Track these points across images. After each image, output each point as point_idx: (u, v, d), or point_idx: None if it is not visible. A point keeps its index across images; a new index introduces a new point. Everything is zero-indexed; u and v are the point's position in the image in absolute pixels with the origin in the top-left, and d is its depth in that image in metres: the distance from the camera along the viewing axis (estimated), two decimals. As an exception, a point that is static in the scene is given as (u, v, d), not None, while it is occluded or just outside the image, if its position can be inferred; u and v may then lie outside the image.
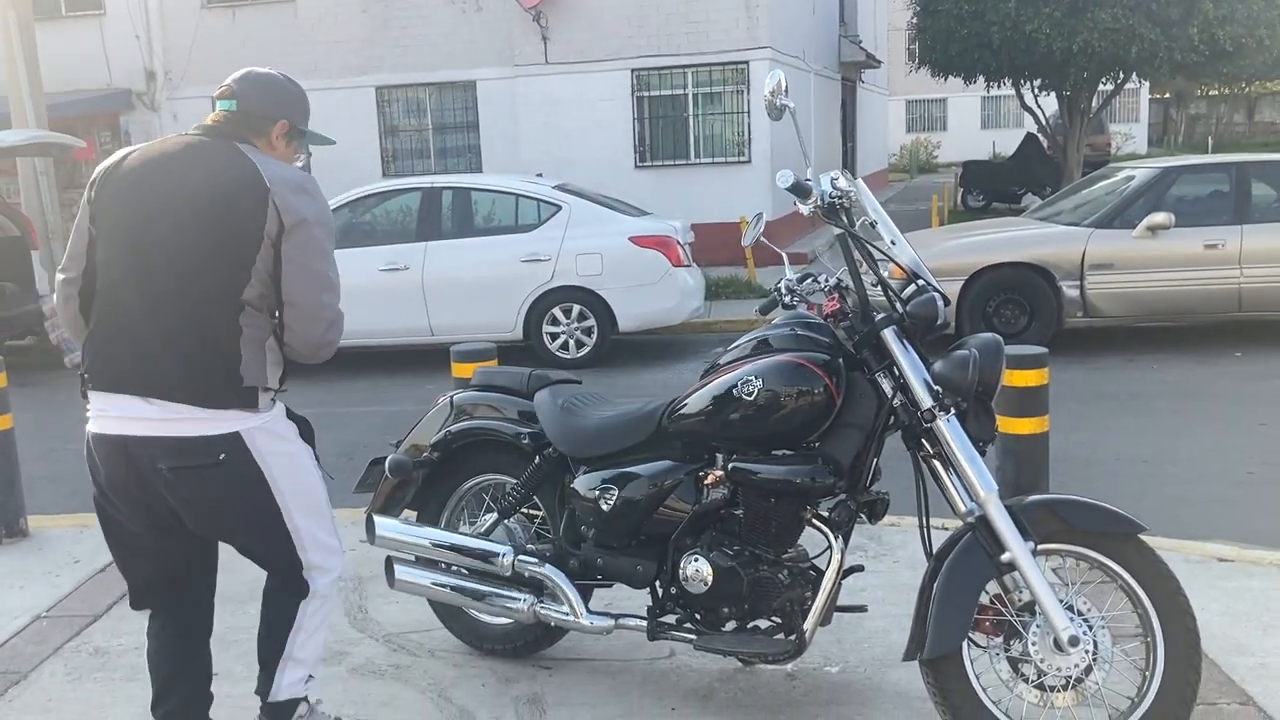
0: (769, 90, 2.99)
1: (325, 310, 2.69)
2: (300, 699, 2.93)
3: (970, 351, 2.80)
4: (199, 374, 2.59)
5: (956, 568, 2.80)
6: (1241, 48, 17.60)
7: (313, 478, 2.84)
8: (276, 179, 2.62)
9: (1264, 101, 47.28)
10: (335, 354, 2.87)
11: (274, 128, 2.79)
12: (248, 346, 2.63)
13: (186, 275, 2.58)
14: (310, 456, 2.86)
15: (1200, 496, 5.48)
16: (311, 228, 2.63)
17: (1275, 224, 8.82)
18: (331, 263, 2.71)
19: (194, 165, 2.64)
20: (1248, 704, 3.17)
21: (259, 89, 2.79)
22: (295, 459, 2.79)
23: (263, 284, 2.62)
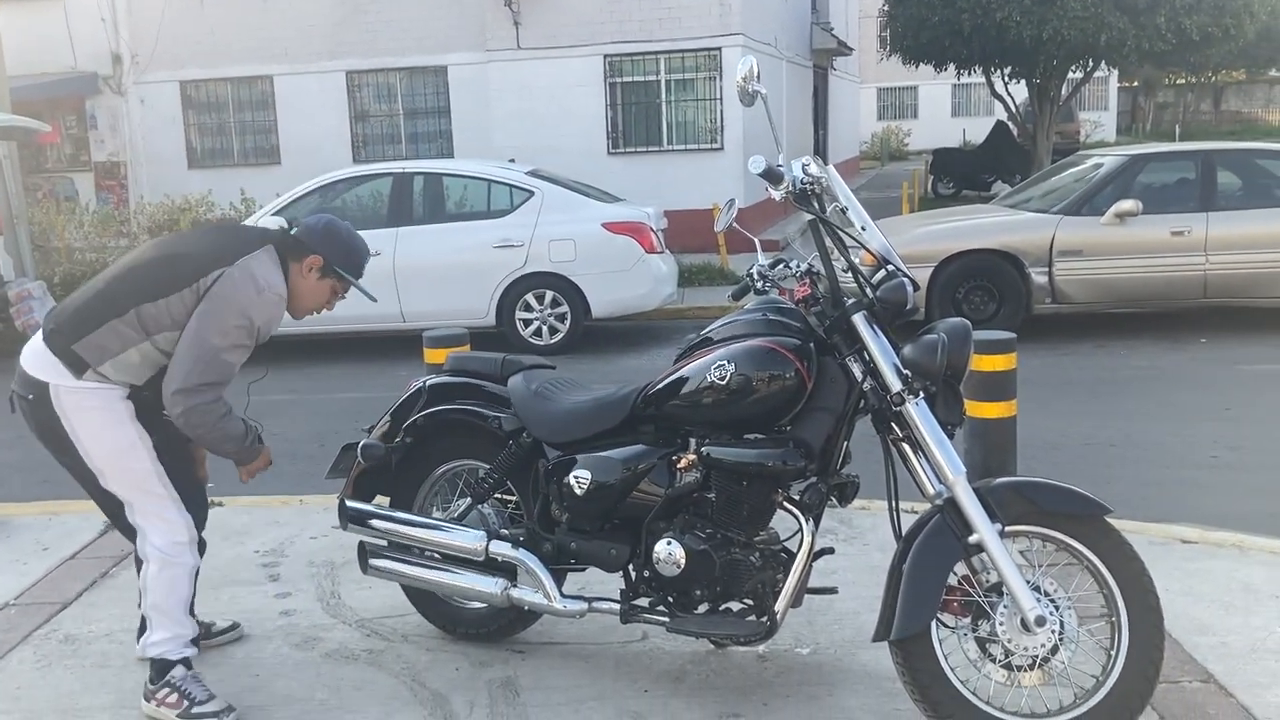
0: (741, 76, 3.00)
1: (188, 374, 3.02)
2: (174, 661, 3.21)
3: (939, 336, 2.83)
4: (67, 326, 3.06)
5: (925, 549, 2.83)
6: (1208, 37, 17.78)
7: (133, 460, 3.13)
8: (244, 268, 3.07)
9: (1230, 90, 47.76)
10: (305, 340, 3.05)
11: (306, 259, 3.21)
12: (109, 335, 3.04)
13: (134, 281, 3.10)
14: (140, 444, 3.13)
15: (1165, 480, 5.56)
16: (224, 312, 3.02)
17: (1240, 211, 8.94)
18: (223, 350, 3.03)
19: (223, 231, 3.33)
20: (1209, 681, 3.23)
21: (310, 226, 3.29)
22: (111, 433, 3.09)
23: (170, 315, 3.04)
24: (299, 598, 4.15)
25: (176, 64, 16.95)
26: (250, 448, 3.26)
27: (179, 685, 3.20)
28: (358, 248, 3.34)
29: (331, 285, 3.29)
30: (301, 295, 3.27)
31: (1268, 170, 9.42)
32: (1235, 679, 3.23)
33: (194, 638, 3.29)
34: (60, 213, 14.63)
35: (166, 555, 3.17)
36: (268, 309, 3.11)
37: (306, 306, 3.31)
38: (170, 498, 3.18)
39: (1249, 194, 9.20)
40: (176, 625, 3.22)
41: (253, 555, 4.60)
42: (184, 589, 3.22)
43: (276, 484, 5.76)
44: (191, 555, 3.23)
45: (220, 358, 3.05)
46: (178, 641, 3.23)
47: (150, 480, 3.16)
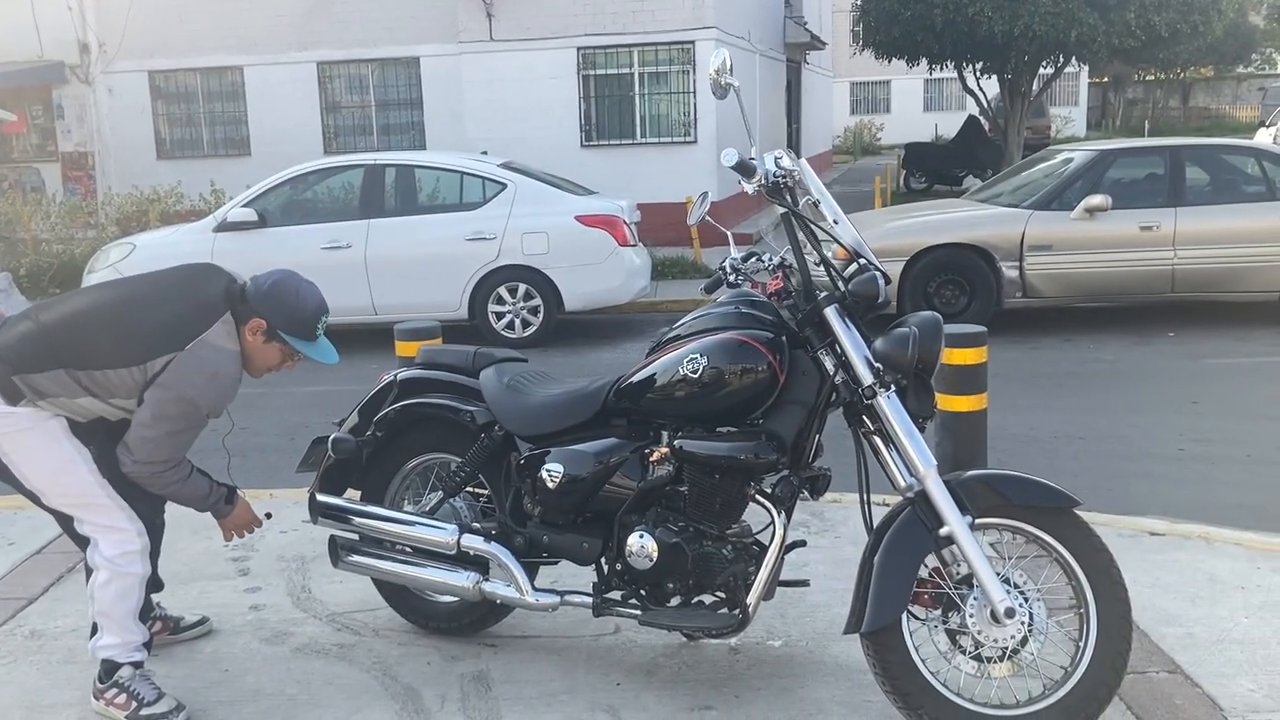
0: (714, 69, 3.00)
1: (139, 448, 3.01)
2: (120, 664, 3.18)
3: (910, 329, 2.84)
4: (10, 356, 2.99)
5: (896, 542, 2.85)
6: (1176, 34, 17.94)
7: (73, 475, 3.08)
8: (194, 355, 3.01)
9: (1198, 87, 48.17)
10: None
11: (249, 321, 3.12)
12: (53, 381, 2.99)
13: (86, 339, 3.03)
14: (78, 458, 3.08)
15: (1133, 472, 5.61)
16: (173, 401, 2.99)
17: (1208, 207, 9.03)
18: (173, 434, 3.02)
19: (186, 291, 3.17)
20: (1175, 672, 3.26)
21: (258, 286, 3.18)
22: (45, 455, 3.05)
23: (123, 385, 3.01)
24: (269, 592, 4.12)
25: (145, 53, 16.76)
26: (215, 505, 3.24)
27: (127, 685, 3.17)
28: (306, 309, 3.18)
29: (280, 348, 3.19)
30: (251, 358, 3.19)
31: (1235, 166, 9.52)
32: (1201, 669, 3.27)
33: (144, 642, 3.24)
34: (26, 204, 14.47)
35: (116, 566, 3.10)
36: (218, 395, 3.07)
37: (259, 368, 3.24)
38: (117, 506, 3.12)
39: (1217, 189, 9.30)
40: (125, 633, 3.17)
41: (222, 549, 4.56)
42: (133, 599, 3.16)
43: (246, 478, 5.70)
44: (142, 564, 3.16)
45: (167, 441, 3.03)
46: (127, 647, 3.19)
47: (93, 493, 3.10)
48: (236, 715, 3.23)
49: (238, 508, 3.32)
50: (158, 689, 3.19)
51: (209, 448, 3.34)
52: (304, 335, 3.19)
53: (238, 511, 3.32)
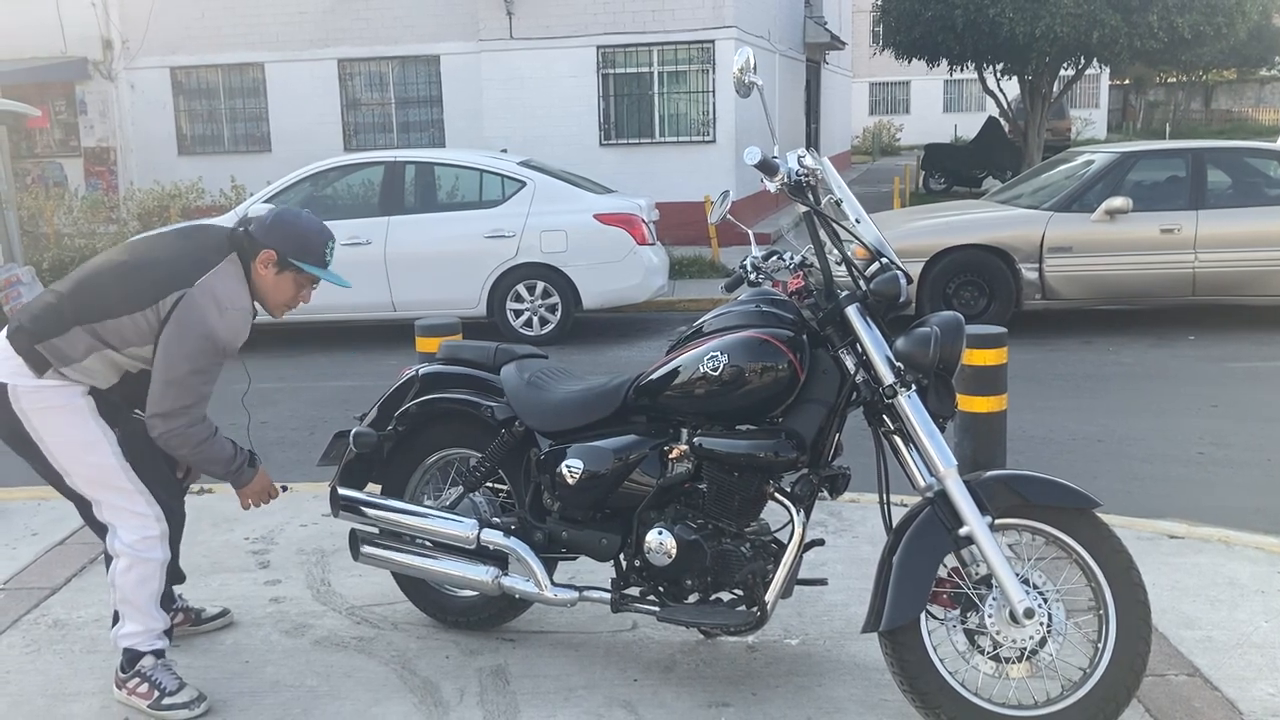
0: (738, 68, 3.01)
1: (162, 398, 3.01)
2: (142, 653, 3.21)
3: (932, 329, 2.84)
4: (31, 325, 3.04)
5: (915, 541, 2.85)
6: (1200, 35, 17.83)
7: (98, 454, 3.10)
8: (205, 288, 3.02)
9: (1220, 89, 47.86)
10: (295, 328, 3.06)
11: (260, 255, 3.13)
12: (72, 341, 3.02)
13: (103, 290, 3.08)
14: (103, 440, 3.11)
15: (1152, 475, 5.59)
16: (188, 337, 2.99)
17: (1229, 210, 8.98)
18: (192, 374, 3.01)
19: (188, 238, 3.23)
20: (1194, 675, 3.25)
21: (261, 221, 3.18)
22: (72, 431, 3.08)
23: (136, 332, 3.02)
24: (289, 585, 4.15)
25: (167, 50, 16.86)
26: (238, 471, 3.23)
27: (149, 675, 3.20)
28: (311, 233, 3.20)
29: (294, 278, 3.20)
30: (266, 293, 3.20)
31: (1257, 169, 9.46)
32: (1220, 672, 3.26)
33: (166, 629, 3.27)
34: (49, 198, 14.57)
35: (136, 552, 3.12)
36: (232, 327, 3.07)
37: (277, 303, 3.24)
38: (138, 491, 3.14)
39: (1239, 192, 9.24)
40: (147, 619, 3.20)
41: (242, 542, 4.60)
42: (154, 584, 3.17)
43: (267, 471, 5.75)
44: (162, 550, 3.18)
45: (189, 381, 3.02)
46: (149, 635, 3.21)
47: (116, 475, 3.12)
48: (256, 706, 3.25)
49: (258, 475, 3.31)
50: (179, 679, 3.22)
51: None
52: (315, 260, 3.19)
53: (258, 479, 3.31)
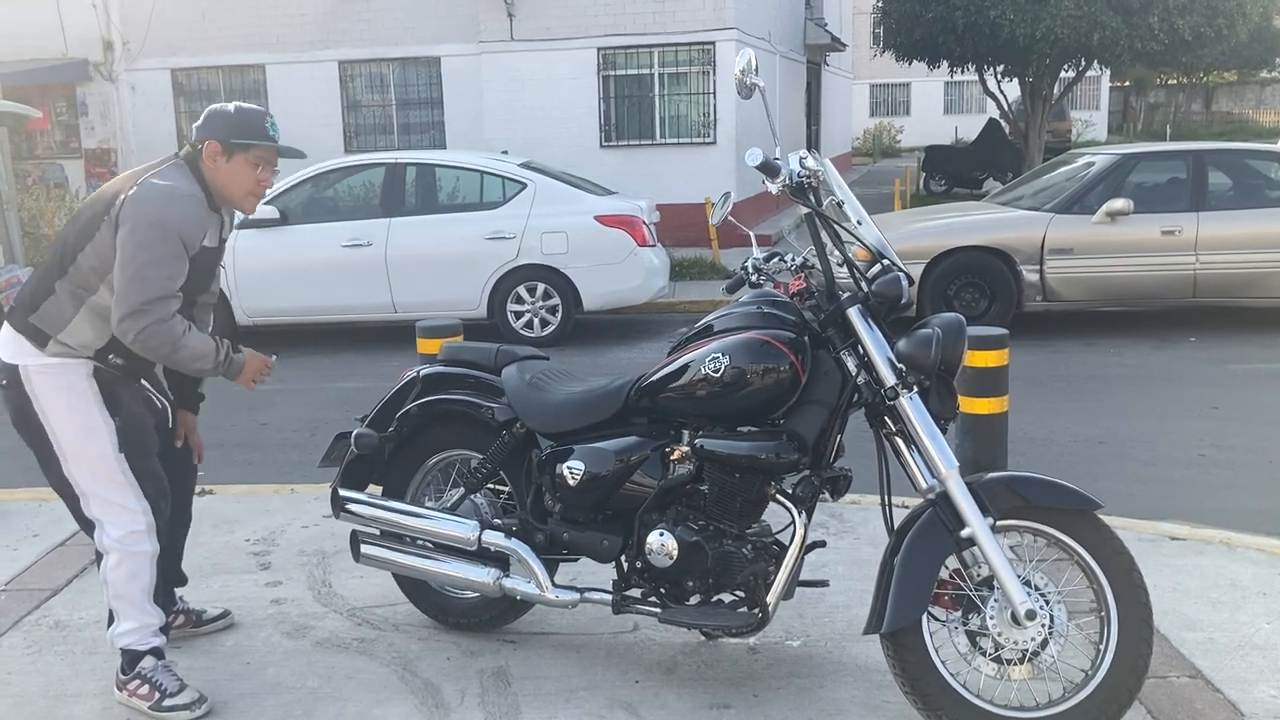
0: (739, 69, 3.01)
1: (126, 297, 2.98)
2: (143, 651, 3.21)
3: (933, 330, 2.84)
4: (23, 300, 3.12)
5: (917, 543, 2.85)
6: (1200, 37, 17.81)
7: (96, 443, 3.12)
8: (146, 184, 3.05)
9: (1221, 91, 47.88)
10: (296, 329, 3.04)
11: (204, 149, 3.14)
12: (59, 300, 3.07)
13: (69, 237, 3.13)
14: (103, 428, 3.12)
15: (1154, 477, 5.59)
16: (138, 227, 2.98)
17: (1230, 211, 8.98)
18: (150, 264, 2.99)
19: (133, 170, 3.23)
20: (1196, 677, 3.25)
21: (196, 124, 3.20)
22: (76, 415, 3.10)
23: (99, 257, 3.04)
24: (290, 586, 4.14)
25: (168, 51, 16.86)
26: (227, 360, 3.18)
27: (149, 676, 3.20)
28: (246, 112, 3.20)
29: (244, 160, 3.16)
30: (224, 186, 3.17)
31: (1258, 171, 9.46)
32: (1222, 674, 3.26)
33: (162, 626, 3.26)
34: (50, 199, 14.58)
35: (124, 546, 3.13)
36: (182, 212, 3.04)
37: (240, 193, 3.19)
38: (129, 485, 3.14)
39: (1239, 194, 9.24)
40: (142, 615, 3.20)
41: (243, 543, 4.60)
42: (145, 577, 3.18)
43: (267, 473, 5.76)
44: (150, 544, 3.17)
45: (148, 272, 2.98)
46: (145, 631, 3.21)
47: (110, 466, 3.12)
48: (257, 708, 3.25)
49: (247, 357, 3.26)
50: (180, 680, 3.22)
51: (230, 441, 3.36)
52: (257, 133, 3.17)
53: (249, 360, 3.26)
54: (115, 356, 3.13)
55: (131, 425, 3.18)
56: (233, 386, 3.38)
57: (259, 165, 3.19)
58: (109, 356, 3.13)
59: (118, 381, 3.17)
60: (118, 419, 3.15)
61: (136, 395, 3.26)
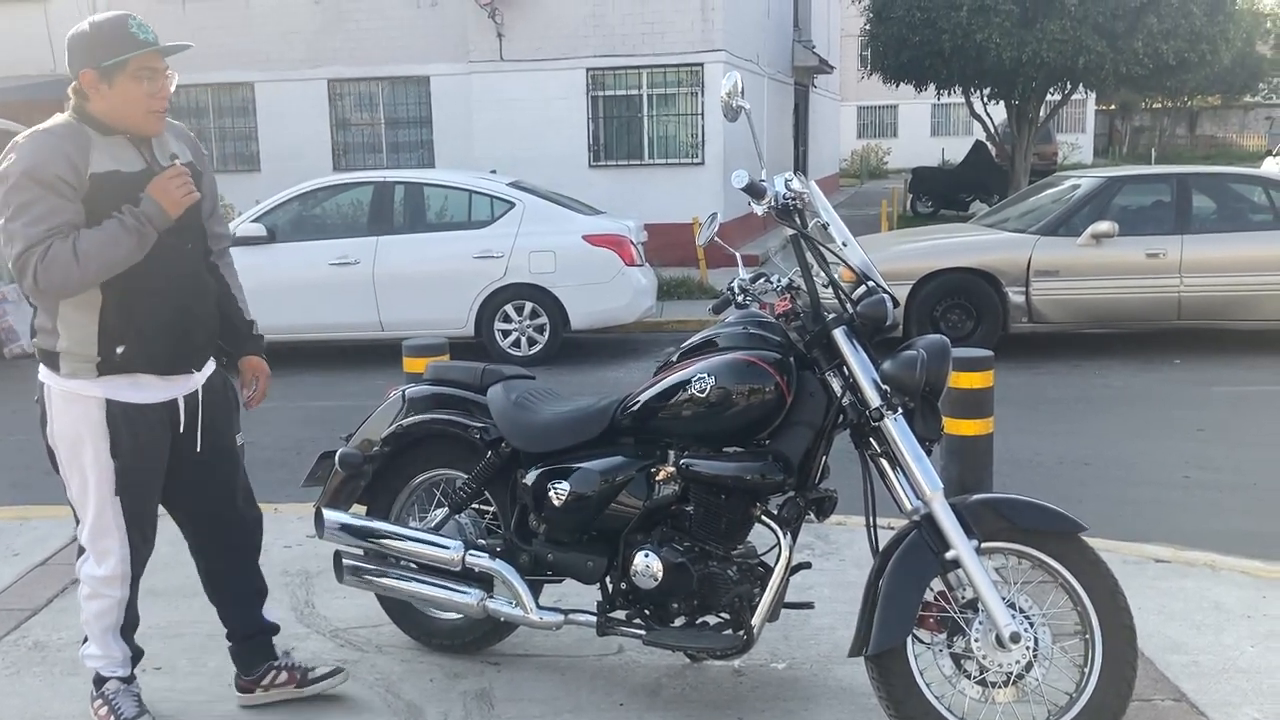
0: (725, 91, 3.02)
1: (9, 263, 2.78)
2: (107, 678, 3.16)
3: (918, 352, 2.84)
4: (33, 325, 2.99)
5: (901, 565, 2.84)
6: (1184, 62, 18.00)
7: (95, 480, 2.98)
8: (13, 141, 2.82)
9: (1205, 115, 48.30)
10: (282, 347, 2.97)
11: (81, 85, 2.84)
12: (39, 310, 2.93)
13: None
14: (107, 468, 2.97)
15: (1139, 499, 5.60)
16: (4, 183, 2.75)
17: (1214, 234, 9.05)
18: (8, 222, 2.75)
19: None
20: (1180, 700, 3.25)
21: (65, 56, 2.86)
22: (81, 449, 2.97)
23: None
24: (273, 606, 4.07)
25: (157, 69, 16.83)
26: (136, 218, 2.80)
27: (110, 698, 3.16)
28: (104, 25, 2.81)
29: (124, 78, 2.79)
30: (121, 111, 2.83)
31: (1241, 194, 9.55)
32: (1206, 697, 3.26)
33: (126, 660, 3.20)
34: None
35: (95, 585, 3.08)
36: (23, 153, 2.75)
37: (138, 117, 2.85)
38: (117, 530, 3.03)
39: (1223, 217, 9.32)
40: (105, 647, 3.15)
41: (226, 563, 4.56)
42: (111, 618, 3.12)
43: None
44: (121, 590, 3.09)
45: (13, 228, 2.73)
46: (110, 661, 3.17)
47: (104, 506, 3.01)
48: (239, 729, 3.23)
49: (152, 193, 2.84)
50: (140, 706, 3.16)
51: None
52: (125, 43, 2.79)
53: (153, 191, 2.84)
54: (119, 346, 2.90)
55: (134, 468, 3.00)
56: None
57: (144, 78, 2.82)
58: (115, 350, 2.89)
59: (132, 413, 2.95)
60: (118, 461, 2.98)
61: (153, 422, 3.01)
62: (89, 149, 2.81)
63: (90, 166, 2.80)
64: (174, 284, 2.96)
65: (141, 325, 2.91)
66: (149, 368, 2.95)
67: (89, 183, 2.79)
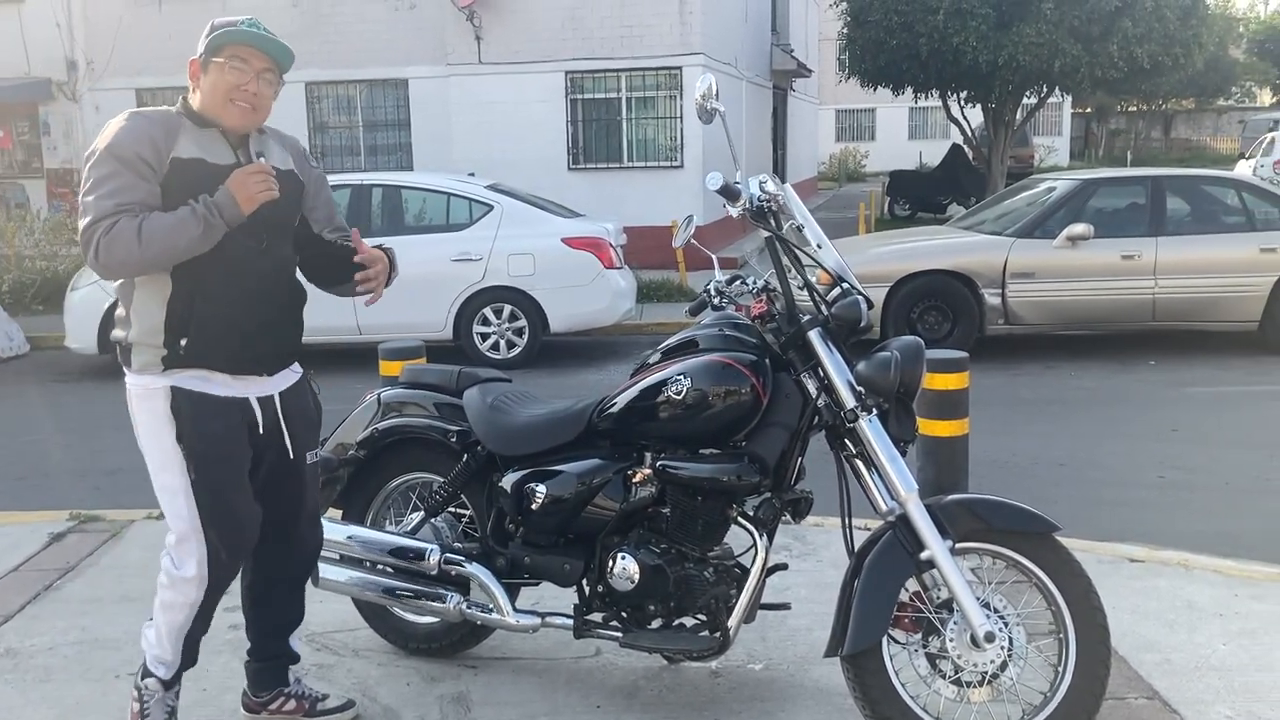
0: (700, 94, 3.02)
1: (80, 234, 2.77)
2: (150, 674, 3.05)
3: (892, 354, 2.86)
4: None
5: (877, 565, 2.86)
6: (1159, 65, 18.14)
7: (169, 475, 2.88)
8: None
9: (1179, 118, 48.70)
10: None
11: (189, 77, 2.92)
12: (120, 300, 2.93)
13: None
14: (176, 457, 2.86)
15: (1114, 499, 5.64)
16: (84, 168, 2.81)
17: (1189, 236, 9.12)
18: (86, 194, 2.76)
19: None
20: (1154, 698, 3.27)
21: None
22: (154, 440, 2.89)
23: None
24: (248, 611, 4.08)
25: (133, 71, 16.75)
26: (209, 207, 2.73)
27: (145, 701, 3.04)
28: (220, 23, 2.85)
29: (218, 68, 2.80)
30: (207, 100, 2.83)
31: (1215, 196, 9.62)
32: (1179, 695, 3.28)
33: (174, 665, 3.04)
34: (10, 220, 14.42)
35: (171, 579, 2.94)
36: (117, 131, 2.78)
37: (219, 105, 2.83)
38: (194, 531, 2.88)
39: (1197, 219, 9.40)
40: (159, 644, 3.01)
41: (202, 568, 4.53)
42: (178, 618, 2.96)
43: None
44: (196, 593, 2.92)
45: (87, 202, 2.74)
46: (158, 660, 3.03)
47: (179, 501, 2.87)
48: (213, 735, 3.21)
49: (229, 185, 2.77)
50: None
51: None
52: (225, 34, 2.81)
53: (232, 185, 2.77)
54: (183, 339, 2.81)
55: (201, 456, 2.86)
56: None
57: (232, 69, 2.81)
58: (180, 343, 2.81)
59: (198, 401, 2.85)
60: (184, 446, 2.85)
61: (221, 412, 2.89)
62: (178, 134, 2.82)
63: (174, 151, 2.80)
64: (243, 284, 2.88)
65: (204, 321, 2.83)
66: (211, 364, 2.86)
67: (169, 166, 2.78)
